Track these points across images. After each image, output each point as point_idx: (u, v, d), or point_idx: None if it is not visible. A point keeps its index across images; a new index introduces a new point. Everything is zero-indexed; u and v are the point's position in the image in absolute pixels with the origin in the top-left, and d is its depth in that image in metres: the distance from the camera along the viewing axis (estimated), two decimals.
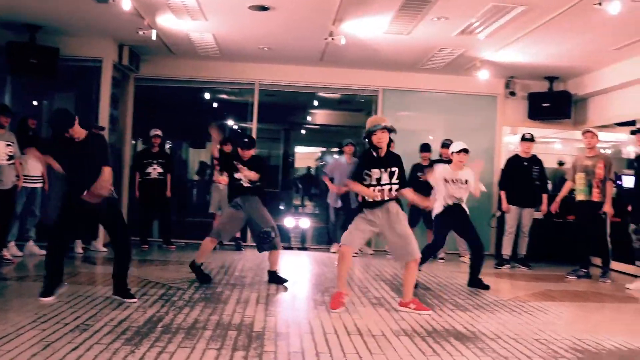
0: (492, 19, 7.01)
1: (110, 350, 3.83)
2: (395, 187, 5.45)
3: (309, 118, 15.11)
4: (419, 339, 4.49)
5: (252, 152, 6.64)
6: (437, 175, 6.70)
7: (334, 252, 9.54)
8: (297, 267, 8.27)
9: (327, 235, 10.52)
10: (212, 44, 8.87)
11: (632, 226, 7.26)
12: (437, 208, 6.76)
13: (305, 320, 4.93)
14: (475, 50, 8.49)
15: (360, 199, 5.57)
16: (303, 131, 16.93)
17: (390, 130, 5.42)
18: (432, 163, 9.18)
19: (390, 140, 5.50)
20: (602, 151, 8.35)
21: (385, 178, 5.42)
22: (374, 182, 5.42)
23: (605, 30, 7.10)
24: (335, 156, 13.16)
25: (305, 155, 18.99)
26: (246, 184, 6.55)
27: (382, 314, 5.31)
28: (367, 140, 5.50)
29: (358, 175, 5.45)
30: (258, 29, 7.97)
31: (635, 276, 7.53)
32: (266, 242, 6.50)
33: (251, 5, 6.96)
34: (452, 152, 6.87)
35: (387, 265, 8.41)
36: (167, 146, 12.61)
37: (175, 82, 10.30)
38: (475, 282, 6.83)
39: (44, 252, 7.34)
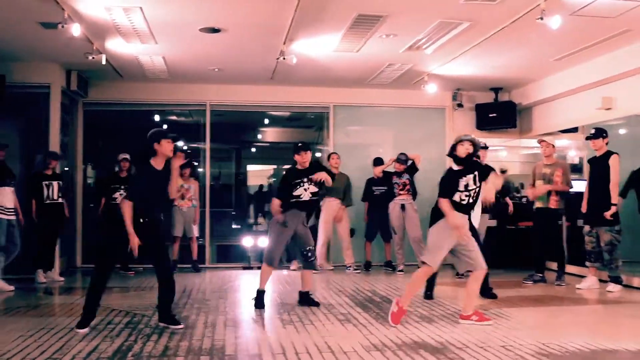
0: (439, 35, 7.22)
1: None
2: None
3: (259, 136, 15.18)
4: (390, 352, 4.55)
5: (309, 155, 6.46)
6: None
7: (293, 270, 9.56)
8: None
9: (287, 253, 10.50)
10: (161, 67, 8.83)
11: (587, 228, 7.53)
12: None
13: (276, 341, 4.93)
14: (423, 65, 8.71)
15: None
16: (254, 149, 16.96)
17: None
18: (386, 175, 9.40)
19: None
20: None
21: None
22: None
23: (546, 42, 7.41)
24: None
25: (257, 173, 19.02)
26: (307, 198, 6.36)
27: (350, 329, 5.35)
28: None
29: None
30: (209, 50, 7.98)
31: (583, 277, 7.84)
32: (310, 261, 6.47)
33: (202, 28, 6.98)
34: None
35: (346, 279, 8.48)
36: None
37: (125, 105, 10.25)
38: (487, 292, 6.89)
39: (11, 287, 7.23)
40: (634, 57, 7.49)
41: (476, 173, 5.52)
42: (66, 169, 9.41)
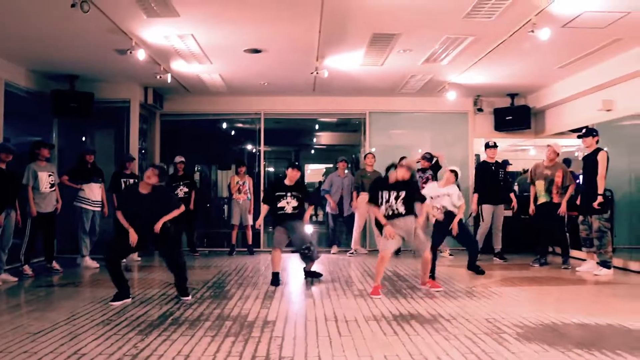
0: (450, 48, 7.19)
1: (125, 339, 4.07)
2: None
3: (315, 139, 15.38)
4: (385, 322, 4.64)
5: (298, 175, 6.79)
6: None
7: (333, 253, 9.72)
8: (299, 267, 8.42)
9: (328, 239, 10.68)
10: (220, 82, 9.17)
11: (581, 218, 7.34)
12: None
13: (293, 311, 5.11)
14: (442, 75, 8.66)
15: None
16: (311, 151, 17.22)
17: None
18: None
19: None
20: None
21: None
22: None
23: (546, 53, 7.24)
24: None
25: (315, 172, 19.29)
26: (290, 211, 6.65)
27: (359, 303, 5.45)
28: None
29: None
30: (256, 68, 8.24)
31: (584, 260, 7.63)
32: (309, 256, 6.73)
33: (246, 49, 7.23)
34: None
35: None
36: (197, 169, 13.01)
37: (194, 115, 10.68)
38: (473, 268, 7.28)
39: (97, 265, 7.76)
40: (628, 63, 7.21)
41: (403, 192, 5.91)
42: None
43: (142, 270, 7.79)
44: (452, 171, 6.98)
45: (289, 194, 6.72)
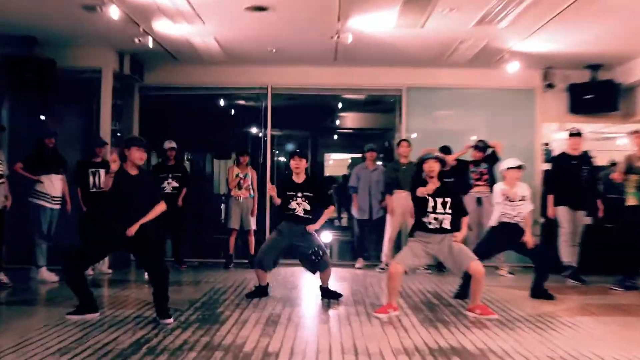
0: (510, 6, 7.13)
1: None
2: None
3: (338, 122, 15.37)
4: (419, 357, 4.65)
5: (304, 164, 6.96)
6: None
7: (358, 268, 9.74)
8: (313, 284, 8.45)
9: (352, 250, 10.71)
10: (215, 48, 9.22)
11: None
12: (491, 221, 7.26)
13: (302, 340, 5.14)
14: (500, 40, 8.60)
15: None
16: (335, 136, 17.22)
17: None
18: (460, 165, 9.39)
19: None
20: None
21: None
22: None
23: None
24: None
25: (337, 163, 19.24)
26: (301, 214, 6.83)
27: (388, 332, 5.47)
28: None
29: None
30: (260, 30, 8.28)
31: None
32: (318, 262, 6.83)
33: (248, 7, 7.27)
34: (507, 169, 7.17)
35: (413, 280, 8.51)
36: (186, 158, 13.13)
37: (183, 89, 10.79)
38: (540, 293, 7.19)
39: (56, 278, 7.87)
40: None
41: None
42: None
43: (114, 286, 7.89)
44: (519, 167, 7.04)
45: (299, 195, 6.80)
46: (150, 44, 8.22)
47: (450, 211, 6.20)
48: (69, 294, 5.89)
